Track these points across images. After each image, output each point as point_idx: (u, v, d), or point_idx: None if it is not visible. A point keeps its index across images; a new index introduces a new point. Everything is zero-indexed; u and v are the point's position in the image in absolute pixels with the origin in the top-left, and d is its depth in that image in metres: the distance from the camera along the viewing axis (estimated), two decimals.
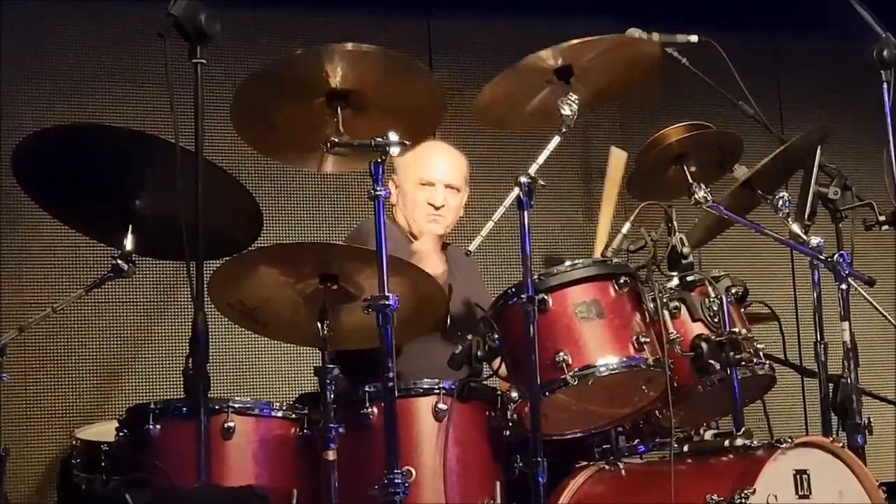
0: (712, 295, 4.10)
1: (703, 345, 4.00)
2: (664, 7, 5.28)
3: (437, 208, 4.73)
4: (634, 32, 4.45)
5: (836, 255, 4.33)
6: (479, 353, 3.98)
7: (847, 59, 6.29)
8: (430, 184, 4.74)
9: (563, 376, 3.84)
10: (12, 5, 5.70)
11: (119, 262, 4.16)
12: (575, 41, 3.99)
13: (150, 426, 3.96)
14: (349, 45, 3.76)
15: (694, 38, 4.67)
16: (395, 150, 3.67)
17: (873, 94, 4.49)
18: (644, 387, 4.06)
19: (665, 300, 4.05)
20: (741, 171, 4.54)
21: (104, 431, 4.38)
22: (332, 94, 3.83)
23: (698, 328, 4.07)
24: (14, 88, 5.69)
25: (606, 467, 4.15)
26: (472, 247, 3.86)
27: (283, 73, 3.85)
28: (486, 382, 4.11)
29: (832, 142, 4.73)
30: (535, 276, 3.87)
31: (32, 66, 5.76)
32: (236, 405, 3.99)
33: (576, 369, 3.85)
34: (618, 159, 5.11)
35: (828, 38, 6.61)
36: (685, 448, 4.06)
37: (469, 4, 6.25)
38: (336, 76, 3.80)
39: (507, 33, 6.11)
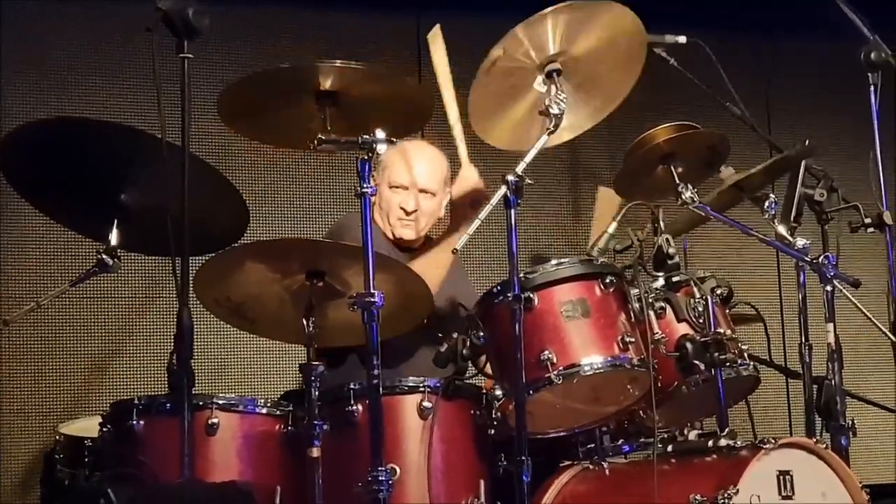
0: (697, 295, 4.10)
1: (688, 345, 4.01)
2: (653, 8, 5.28)
3: (408, 213, 4.71)
4: None
5: (822, 257, 4.35)
6: (464, 352, 3.98)
7: (835, 61, 6.33)
8: (404, 187, 4.72)
9: (547, 375, 3.84)
10: (8, 3, 5.69)
11: (104, 256, 4.14)
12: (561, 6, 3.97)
13: (134, 422, 3.95)
14: (337, 62, 3.80)
15: (682, 39, 4.68)
16: (381, 148, 3.67)
17: (861, 97, 4.50)
18: (629, 386, 4.06)
19: (650, 300, 4.06)
20: (728, 172, 4.56)
21: (88, 427, 4.37)
22: (320, 94, 3.83)
23: (683, 328, 4.08)
24: (2, 83, 5.67)
25: (591, 467, 4.15)
26: (458, 245, 3.86)
27: (271, 77, 3.86)
28: (471, 381, 4.11)
29: (819, 143, 4.74)
30: (521, 275, 3.87)
31: (21, 60, 5.75)
32: (220, 402, 3.99)
33: (561, 368, 3.85)
34: (607, 199, 5.09)
35: (816, 40, 6.63)
36: (669, 448, 4.07)
37: (460, 5, 6.24)
38: (325, 82, 3.81)
39: (497, 34, 6.10)
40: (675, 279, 4.16)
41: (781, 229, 4.42)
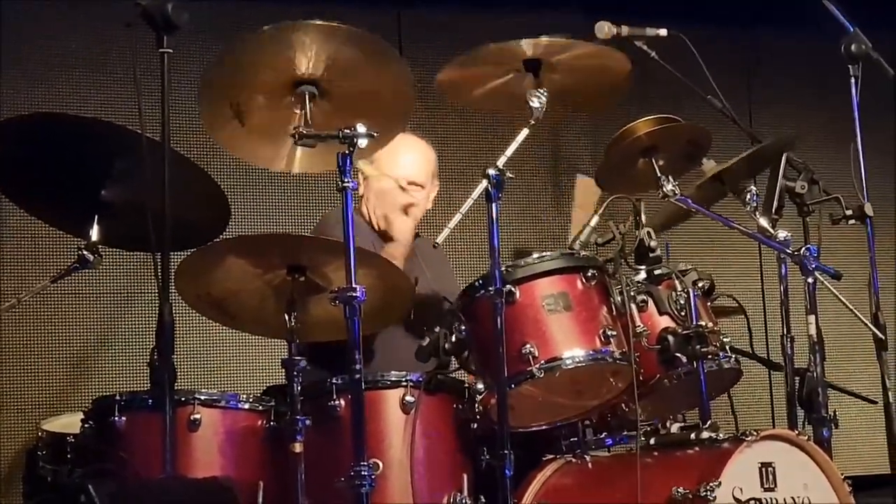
0: (679, 288, 4.11)
1: (670, 338, 4.02)
2: (635, 1, 5.29)
3: None
4: (603, 26, 4.46)
5: (803, 249, 4.35)
6: (446, 346, 3.98)
7: (816, 53, 6.34)
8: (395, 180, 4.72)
9: (529, 368, 3.84)
10: None
11: (85, 252, 4.14)
12: (545, 39, 3.99)
13: (116, 418, 3.95)
14: (317, 22, 3.75)
15: (663, 32, 4.68)
16: (362, 142, 3.66)
17: (841, 89, 4.51)
18: (611, 380, 4.06)
19: (632, 293, 4.06)
20: (709, 165, 4.56)
21: (70, 423, 4.36)
22: (300, 82, 3.81)
23: (665, 321, 4.09)
24: None
25: (573, 460, 4.15)
26: (439, 239, 3.85)
27: (251, 55, 3.81)
28: (453, 374, 4.11)
29: (800, 136, 4.75)
30: (503, 268, 3.86)
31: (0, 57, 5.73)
32: (202, 397, 3.98)
33: (542, 361, 3.85)
34: (585, 188, 5.11)
35: (797, 33, 6.64)
36: (652, 441, 4.07)
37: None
38: (304, 58, 3.77)
39: (477, 26, 6.11)
40: (656, 272, 4.17)
41: (763, 222, 4.42)
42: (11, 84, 5.69)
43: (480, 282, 3.94)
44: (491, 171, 3.80)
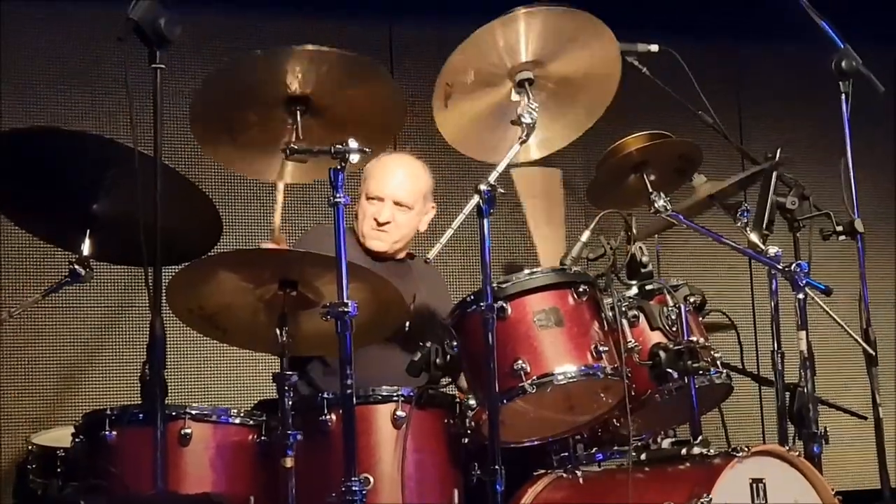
0: (671, 304, 4.12)
1: (661, 353, 4.02)
2: (625, 17, 5.29)
3: (379, 224, 4.71)
4: None
5: (794, 265, 4.36)
6: (437, 361, 3.98)
7: (806, 69, 6.35)
8: (380, 199, 4.72)
9: (521, 384, 3.84)
10: None
11: (76, 266, 4.14)
12: (521, 9, 3.94)
13: (107, 432, 3.94)
14: (309, 47, 3.75)
15: (654, 48, 4.69)
16: (354, 158, 3.66)
17: (832, 105, 4.52)
18: (602, 395, 4.06)
19: (624, 309, 4.07)
20: (700, 180, 4.57)
21: (60, 437, 4.36)
22: (291, 100, 3.82)
23: (657, 337, 4.09)
24: None
25: (564, 475, 4.15)
26: (431, 254, 3.85)
27: (243, 75, 3.83)
28: (444, 390, 4.10)
29: (790, 152, 4.76)
30: (495, 284, 3.86)
31: None
32: (193, 412, 3.98)
33: (534, 377, 3.85)
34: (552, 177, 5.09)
35: (788, 48, 6.66)
36: (643, 456, 4.07)
37: (431, 13, 6.25)
38: (295, 79, 3.78)
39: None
40: (648, 287, 4.17)
41: (754, 237, 4.44)
42: (4, 98, 5.68)
43: (472, 297, 3.94)
44: (482, 187, 3.79)
